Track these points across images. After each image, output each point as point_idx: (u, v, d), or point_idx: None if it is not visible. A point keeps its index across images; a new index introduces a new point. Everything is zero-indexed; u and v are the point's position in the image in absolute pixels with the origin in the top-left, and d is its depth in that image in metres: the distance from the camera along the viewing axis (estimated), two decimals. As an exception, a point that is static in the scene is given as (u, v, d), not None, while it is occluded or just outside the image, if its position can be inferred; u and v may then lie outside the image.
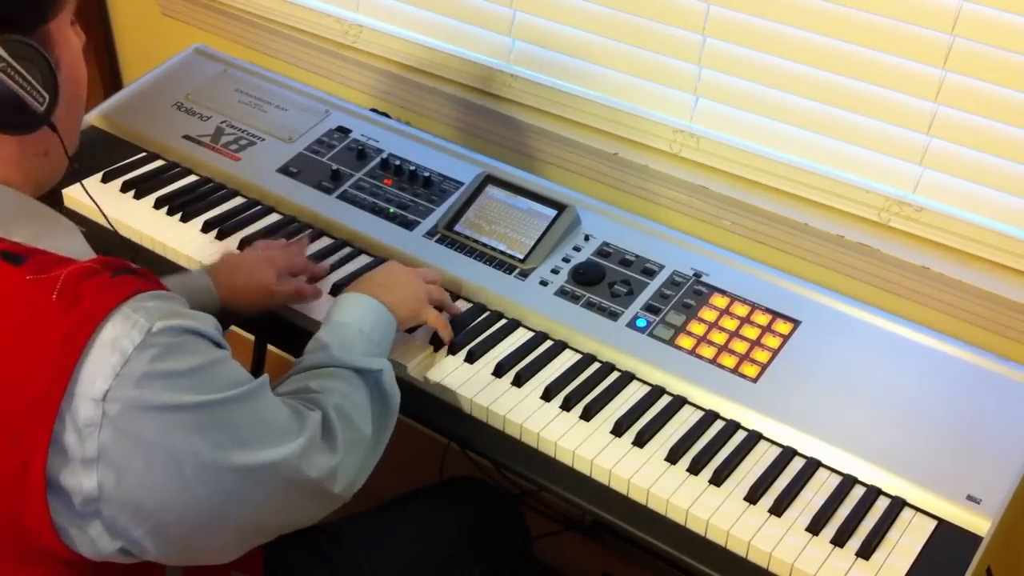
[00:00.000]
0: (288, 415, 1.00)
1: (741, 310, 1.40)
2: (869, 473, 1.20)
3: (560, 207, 1.52)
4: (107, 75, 2.43)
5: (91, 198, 1.24)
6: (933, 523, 1.16)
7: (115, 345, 0.86)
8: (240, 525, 0.97)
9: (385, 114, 1.80)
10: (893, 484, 1.19)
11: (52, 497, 0.86)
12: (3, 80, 0.89)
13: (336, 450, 1.04)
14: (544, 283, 1.45)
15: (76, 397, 0.85)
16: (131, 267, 0.93)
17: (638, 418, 1.27)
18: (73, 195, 1.58)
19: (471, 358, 1.34)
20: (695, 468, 1.20)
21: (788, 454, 1.23)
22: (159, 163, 1.69)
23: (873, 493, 1.19)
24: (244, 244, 1.52)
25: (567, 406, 1.28)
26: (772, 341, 1.35)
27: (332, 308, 1.25)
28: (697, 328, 1.37)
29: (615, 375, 1.34)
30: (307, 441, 1.00)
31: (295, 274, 1.42)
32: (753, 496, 1.17)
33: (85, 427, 0.85)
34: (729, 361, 1.33)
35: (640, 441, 1.23)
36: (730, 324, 1.38)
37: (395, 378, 1.20)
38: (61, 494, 0.87)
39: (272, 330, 1.42)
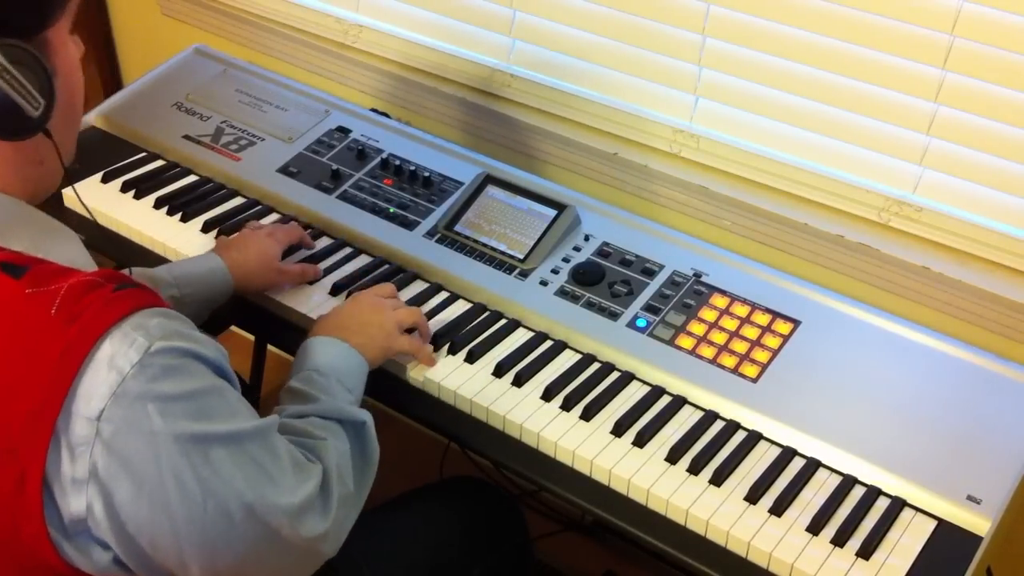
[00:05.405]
0: (288, 466, 0.95)
1: (741, 310, 1.39)
2: (869, 473, 1.20)
3: (560, 207, 1.52)
4: (107, 75, 2.43)
5: (83, 204, 1.24)
6: (933, 523, 1.16)
7: (112, 364, 0.84)
8: (220, 567, 0.92)
9: (385, 114, 1.80)
10: (893, 484, 1.19)
11: (49, 512, 0.86)
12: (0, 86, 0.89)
13: (329, 511, 0.99)
14: (544, 283, 1.45)
15: (72, 415, 0.84)
16: (134, 281, 0.92)
17: (638, 418, 1.27)
18: (74, 195, 1.58)
19: (471, 358, 1.34)
20: (695, 468, 1.20)
21: (788, 454, 1.23)
22: (159, 163, 1.69)
23: (873, 493, 1.19)
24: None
25: (567, 406, 1.28)
26: (772, 341, 1.35)
27: (300, 355, 1.19)
28: (697, 328, 1.37)
29: (615, 375, 1.34)
30: (305, 499, 0.96)
31: (294, 248, 1.48)
32: (753, 496, 1.17)
33: (78, 446, 0.84)
34: (729, 361, 1.33)
35: (640, 441, 1.23)
36: (730, 324, 1.38)
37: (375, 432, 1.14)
38: (55, 510, 0.86)
39: (272, 330, 1.42)
